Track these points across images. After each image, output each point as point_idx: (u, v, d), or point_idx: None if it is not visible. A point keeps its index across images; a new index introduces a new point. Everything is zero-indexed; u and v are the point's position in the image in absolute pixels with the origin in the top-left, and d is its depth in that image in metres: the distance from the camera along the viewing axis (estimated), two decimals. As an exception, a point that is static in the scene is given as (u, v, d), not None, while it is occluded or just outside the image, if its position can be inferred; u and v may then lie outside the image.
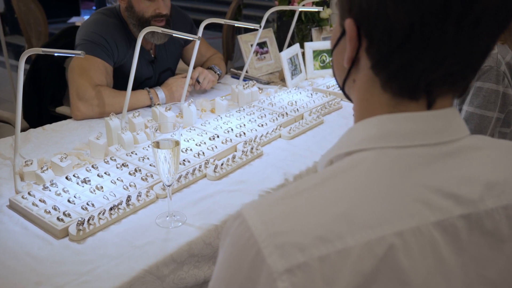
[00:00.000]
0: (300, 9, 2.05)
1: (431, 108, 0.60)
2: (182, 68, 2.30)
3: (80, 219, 1.02)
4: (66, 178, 1.22)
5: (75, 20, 5.02)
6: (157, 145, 1.02)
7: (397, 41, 0.56)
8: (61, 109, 2.08)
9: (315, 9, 1.95)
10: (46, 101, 2.18)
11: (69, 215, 1.05)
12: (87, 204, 1.10)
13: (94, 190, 1.16)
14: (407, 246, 0.50)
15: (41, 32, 4.02)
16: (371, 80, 0.60)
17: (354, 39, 0.59)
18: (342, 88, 0.68)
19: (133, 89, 1.85)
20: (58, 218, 1.04)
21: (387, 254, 0.49)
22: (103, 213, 1.06)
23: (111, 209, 1.07)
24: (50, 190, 1.16)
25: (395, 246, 0.49)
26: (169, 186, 1.05)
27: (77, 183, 1.19)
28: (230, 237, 0.53)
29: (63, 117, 2.01)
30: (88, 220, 1.03)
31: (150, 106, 1.81)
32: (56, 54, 1.10)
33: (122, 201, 1.10)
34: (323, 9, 1.95)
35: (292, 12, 2.27)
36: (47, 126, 1.62)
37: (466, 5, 0.51)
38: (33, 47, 3.88)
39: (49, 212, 1.07)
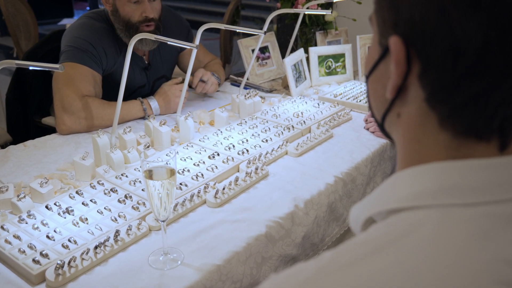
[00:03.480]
0: (306, 12, 1.91)
1: (504, 151, 0.46)
2: (179, 73, 2.15)
3: (59, 261, 0.87)
4: (46, 207, 1.07)
5: (66, 22, 4.86)
6: (149, 174, 0.87)
7: (466, 65, 0.42)
8: (47, 120, 1.93)
9: (322, 12, 1.81)
10: (32, 111, 2.02)
11: (47, 255, 0.90)
12: (69, 240, 0.95)
13: (78, 223, 1.01)
14: None
15: (30, 34, 3.87)
16: (425, 114, 0.46)
17: (402, 62, 0.45)
18: (381, 124, 0.54)
19: (125, 98, 1.70)
20: (34, 260, 0.89)
21: None
22: (87, 253, 0.91)
23: (96, 247, 0.92)
24: (26, 223, 1.01)
25: None
26: (163, 221, 0.91)
27: (59, 214, 1.04)
28: None
29: (51, 128, 1.87)
30: (69, 262, 0.88)
31: (143, 118, 1.66)
32: (31, 68, 0.94)
33: (109, 237, 0.95)
34: (331, 12, 1.80)
35: (295, 14, 2.13)
36: (29, 142, 1.47)
37: None
38: (22, 50, 3.74)
39: (24, 251, 0.92)
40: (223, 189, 1.15)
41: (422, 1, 0.43)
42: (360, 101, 1.81)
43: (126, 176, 1.21)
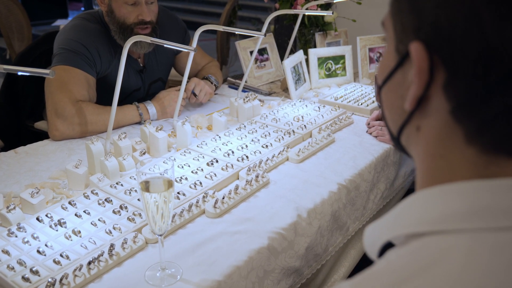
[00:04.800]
0: (307, 13, 1.86)
1: None
2: (175, 75, 2.10)
3: (50, 279, 0.82)
4: (37, 219, 1.02)
5: (61, 23, 4.80)
6: (145, 186, 0.83)
7: (499, 74, 0.38)
8: (40, 124, 1.88)
9: (322, 13, 1.76)
10: (24, 115, 1.97)
11: (37, 272, 0.85)
12: (61, 255, 0.90)
13: (70, 236, 0.96)
14: None
15: (24, 36, 3.81)
16: (449, 128, 0.42)
17: (425, 71, 0.41)
18: (396, 138, 0.49)
19: (120, 102, 1.65)
20: (23, 277, 0.84)
21: None
22: (80, 269, 0.86)
23: (89, 262, 0.87)
24: (16, 236, 0.96)
25: None
26: (161, 235, 0.86)
27: (50, 226, 0.99)
28: None
29: (44, 133, 1.81)
30: (61, 279, 0.83)
31: (139, 123, 1.61)
32: (19, 73, 0.89)
33: (103, 252, 0.90)
34: (332, 13, 1.76)
35: (294, 15, 2.08)
36: (20, 149, 1.41)
37: None
38: (15, 51, 3.68)
39: (13, 268, 0.87)
40: (223, 198, 1.11)
41: (450, 3, 0.38)
42: (361, 104, 1.76)
43: (122, 185, 1.16)
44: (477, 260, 0.37)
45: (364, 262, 1.36)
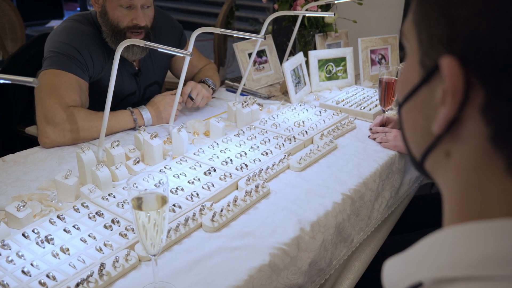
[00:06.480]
0: (308, 15, 1.80)
1: None
2: (171, 77, 2.04)
3: (34, 304, 0.76)
4: (23, 235, 0.95)
5: (55, 24, 4.72)
6: (138, 203, 0.76)
7: None
8: (31, 130, 1.81)
9: (324, 14, 1.70)
10: (15, 119, 1.90)
11: (21, 295, 0.79)
12: (47, 276, 0.84)
13: (58, 254, 0.89)
14: None
15: (17, 36, 3.74)
16: (487, 156, 0.36)
17: (459, 90, 0.34)
18: (419, 163, 0.43)
19: (114, 107, 1.59)
20: (5, 302, 0.78)
21: None
22: (67, 291, 0.80)
23: (78, 284, 0.81)
24: (0, 255, 0.90)
25: None
26: (154, 255, 0.80)
27: (37, 243, 0.93)
28: None
29: (35, 138, 1.75)
30: (46, 303, 0.77)
31: (133, 128, 1.54)
32: (1, 81, 0.83)
33: (93, 272, 0.84)
34: (334, 14, 1.70)
35: (294, 16, 2.02)
36: (9, 157, 1.35)
37: None
38: (8, 53, 3.61)
39: (-5, 291, 0.80)
40: (221, 211, 1.05)
41: (492, 10, 0.32)
42: (363, 108, 1.71)
43: (114, 197, 1.10)
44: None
45: (368, 274, 1.30)
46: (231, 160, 1.28)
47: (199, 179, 1.18)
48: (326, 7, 2.01)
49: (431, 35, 0.37)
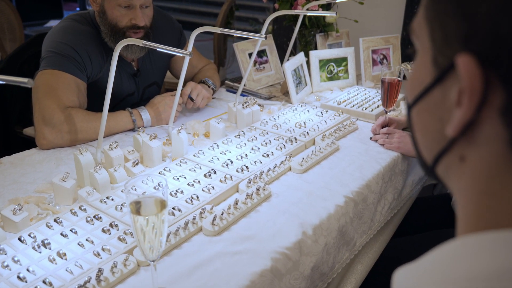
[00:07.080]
0: (309, 14, 1.78)
1: None
2: (170, 77, 2.02)
3: (30, 311, 0.74)
4: (19, 239, 0.93)
5: (54, 24, 4.70)
6: (136, 208, 0.74)
7: None
8: (28, 131, 1.79)
9: (325, 13, 1.68)
10: (13, 120, 1.88)
11: (16, 302, 0.77)
12: (44, 282, 0.82)
13: (54, 259, 0.87)
14: None
15: (16, 36, 3.72)
16: (506, 161, 0.34)
17: (477, 90, 0.32)
18: (431, 167, 0.41)
19: (113, 107, 1.57)
20: (0, 309, 0.76)
21: None
22: (64, 298, 0.78)
23: (75, 290, 0.79)
24: (-5, 260, 0.88)
25: None
26: (153, 261, 0.78)
27: (33, 248, 0.91)
28: None
29: (33, 139, 1.72)
30: (42, 311, 0.75)
31: (132, 130, 1.52)
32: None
33: (90, 278, 0.82)
34: (335, 14, 1.68)
35: (294, 16, 2.00)
36: (5, 159, 1.33)
37: None
38: (6, 52, 3.58)
39: (-11, 297, 0.78)
40: (222, 214, 1.03)
41: None
42: (365, 108, 1.68)
43: (112, 200, 1.08)
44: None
45: (371, 278, 1.28)
46: (231, 161, 1.26)
47: (199, 182, 1.16)
48: (327, 7, 1.99)
49: (446, 31, 0.35)
